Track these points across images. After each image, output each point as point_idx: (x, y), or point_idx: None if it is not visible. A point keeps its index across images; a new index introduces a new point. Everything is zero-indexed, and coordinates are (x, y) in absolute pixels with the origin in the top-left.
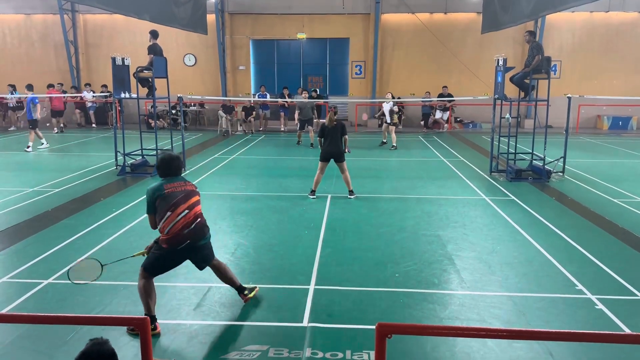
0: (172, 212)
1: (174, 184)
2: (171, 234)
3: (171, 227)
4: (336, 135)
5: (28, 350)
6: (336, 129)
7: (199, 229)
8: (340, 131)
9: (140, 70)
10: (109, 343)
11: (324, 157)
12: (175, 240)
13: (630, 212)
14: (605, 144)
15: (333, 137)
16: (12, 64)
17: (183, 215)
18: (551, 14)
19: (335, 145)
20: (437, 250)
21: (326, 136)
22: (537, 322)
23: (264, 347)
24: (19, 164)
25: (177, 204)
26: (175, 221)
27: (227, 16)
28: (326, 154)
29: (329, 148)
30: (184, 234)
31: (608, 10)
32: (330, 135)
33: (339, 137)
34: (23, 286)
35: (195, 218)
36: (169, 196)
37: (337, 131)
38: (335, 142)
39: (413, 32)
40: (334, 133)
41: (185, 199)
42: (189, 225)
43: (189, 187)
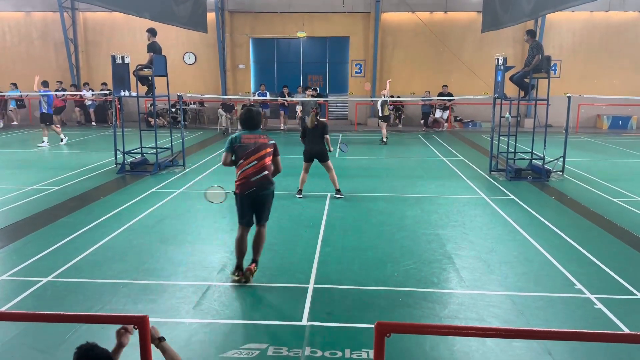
0: (244, 160)
1: (250, 136)
2: (241, 179)
3: (242, 172)
4: (317, 135)
5: (27, 348)
6: (317, 129)
7: (265, 180)
8: (321, 131)
9: (140, 68)
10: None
11: (308, 158)
12: (245, 185)
13: (630, 212)
14: (605, 143)
15: (314, 137)
16: (12, 62)
17: (252, 165)
18: (551, 13)
19: (316, 144)
20: (436, 249)
21: (307, 136)
22: (536, 321)
23: (263, 346)
24: (18, 162)
25: (249, 154)
26: (245, 168)
27: (227, 14)
28: (309, 154)
29: (310, 148)
30: (252, 181)
31: (608, 9)
32: (311, 135)
33: (320, 136)
34: (22, 284)
35: (263, 169)
36: (244, 146)
37: (318, 131)
38: (317, 142)
39: (413, 31)
40: (315, 133)
41: (256, 151)
42: (256, 173)
43: (262, 140)
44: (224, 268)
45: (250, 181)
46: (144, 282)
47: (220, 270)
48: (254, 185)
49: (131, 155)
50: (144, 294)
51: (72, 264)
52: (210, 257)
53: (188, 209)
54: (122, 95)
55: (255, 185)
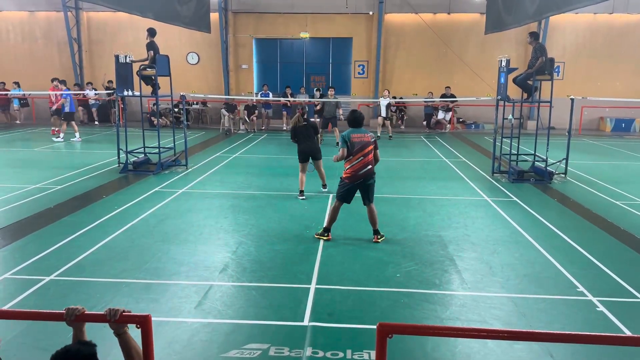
0: (353, 156)
1: (357, 134)
2: (350, 172)
3: (351, 166)
4: (309, 134)
5: (29, 347)
6: (307, 128)
7: (369, 172)
8: (313, 130)
9: (143, 67)
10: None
11: (302, 158)
12: (353, 177)
13: (632, 214)
14: (608, 145)
15: (305, 136)
16: (16, 61)
17: (359, 160)
18: (555, 15)
19: (309, 143)
20: (438, 250)
21: (298, 137)
22: (538, 324)
23: (265, 346)
24: (21, 161)
25: (357, 151)
26: (353, 163)
27: (231, 15)
28: (303, 154)
29: (304, 148)
30: (360, 174)
31: (612, 12)
32: (302, 135)
33: (312, 135)
34: (25, 283)
35: (367, 163)
36: (353, 144)
37: (309, 130)
38: (309, 141)
39: (416, 32)
40: (306, 132)
41: (362, 149)
42: (362, 168)
43: (366, 138)
44: (225, 268)
45: (359, 174)
46: (146, 281)
47: (222, 270)
48: (362, 177)
49: (134, 155)
50: (145, 294)
51: (75, 262)
52: (212, 257)
53: (190, 209)
54: (126, 95)
55: (362, 177)
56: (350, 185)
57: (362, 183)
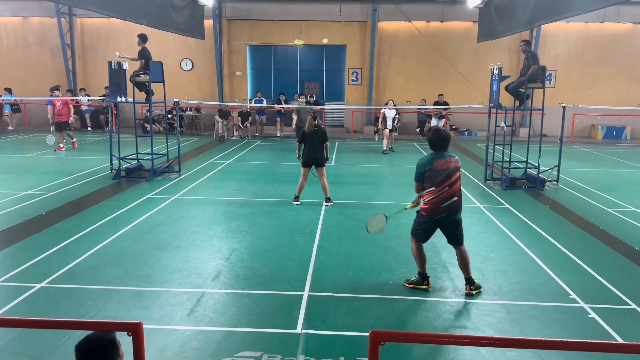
0: (436, 187)
1: (441, 160)
2: (431, 205)
3: (432, 198)
4: (317, 141)
5: (20, 354)
6: (316, 134)
7: (456, 205)
8: (321, 137)
9: (136, 74)
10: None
11: (306, 163)
12: (434, 211)
13: (624, 222)
14: (599, 153)
15: (313, 142)
16: (9, 67)
17: (444, 192)
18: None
19: (315, 150)
20: (431, 257)
21: (306, 142)
22: (531, 331)
23: (258, 354)
24: (13, 167)
25: (441, 181)
26: (436, 195)
27: (225, 22)
28: (307, 159)
29: (310, 154)
30: (442, 207)
31: (603, 20)
32: (310, 141)
33: (320, 142)
34: (16, 290)
35: (452, 195)
36: (436, 172)
37: (318, 136)
38: (316, 148)
39: (409, 40)
40: (314, 138)
41: (448, 177)
42: (447, 199)
43: (453, 164)
44: (218, 275)
45: (441, 207)
46: (138, 288)
47: (215, 277)
48: (444, 211)
49: (127, 161)
50: (138, 301)
51: (66, 269)
52: (204, 264)
53: (183, 216)
54: (119, 101)
55: (445, 211)
56: (427, 221)
57: (445, 219)
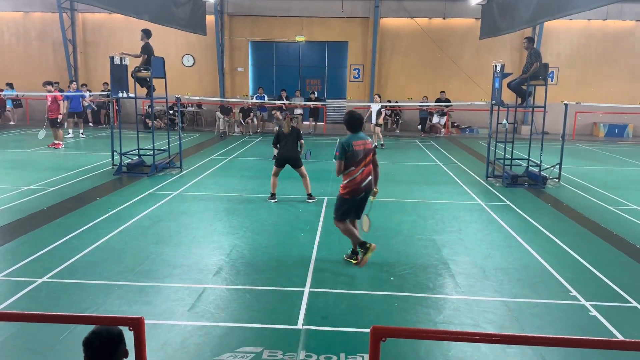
0: (355, 167)
1: (358, 142)
2: (353, 185)
3: (353, 178)
4: (292, 141)
5: (21, 348)
6: (292, 134)
7: (371, 184)
8: (296, 136)
9: (138, 70)
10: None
11: (280, 163)
12: (356, 191)
13: (625, 220)
14: (602, 151)
15: (288, 142)
16: (10, 62)
17: (363, 171)
18: (549, 21)
19: (290, 150)
20: (432, 254)
21: (281, 142)
22: (531, 328)
23: (258, 349)
24: (14, 162)
25: (359, 162)
26: (355, 175)
27: (227, 17)
28: (282, 159)
29: (284, 153)
30: (362, 187)
31: (606, 18)
32: (285, 141)
33: (295, 142)
34: (17, 284)
35: (369, 174)
36: (356, 152)
37: (293, 136)
38: (291, 148)
39: (411, 37)
40: (290, 139)
41: (365, 157)
42: (365, 179)
43: (368, 145)
44: (219, 271)
45: (361, 187)
46: (140, 283)
47: (216, 273)
48: (364, 190)
49: (128, 157)
50: (139, 296)
51: (68, 264)
52: (206, 260)
53: (184, 211)
54: (120, 97)
55: (364, 190)
56: (351, 202)
57: (364, 197)
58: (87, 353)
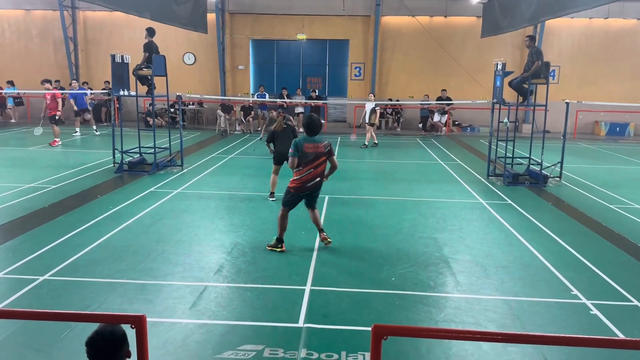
0: (302, 167)
1: (310, 144)
2: (298, 183)
3: (299, 177)
4: (287, 138)
5: (23, 346)
6: (286, 131)
7: (318, 185)
8: (291, 133)
9: (139, 68)
10: (120, 326)
11: (278, 160)
12: (300, 189)
13: (626, 218)
14: (603, 150)
15: (284, 140)
16: (11, 60)
17: (309, 173)
18: (551, 19)
19: (287, 147)
20: (433, 252)
21: (276, 140)
22: (532, 326)
23: (259, 347)
24: (15, 160)
25: (307, 163)
26: (303, 175)
27: (228, 15)
28: (279, 156)
29: (281, 151)
30: (307, 186)
31: (607, 17)
32: (280, 138)
33: (290, 138)
34: (18, 282)
35: (316, 176)
36: (305, 154)
37: (288, 133)
38: (287, 145)
39: (413, 35)
40: (285, 135)
41: (314, 160)
42: (311, 180)
43: (320, 149)
44: (220, 269)
45: (306, 186)
46: (141, 281)
47: (217, 271)
48: (309, 189)
49: (129, 155)
50: (140, 294)
51: (69, 262)
52: (207, 258)
53: (185, 209)
54: (121, 95)
55: (309, 189)
56: (294, 196)
57: (308, 195)
58: (90, 353)
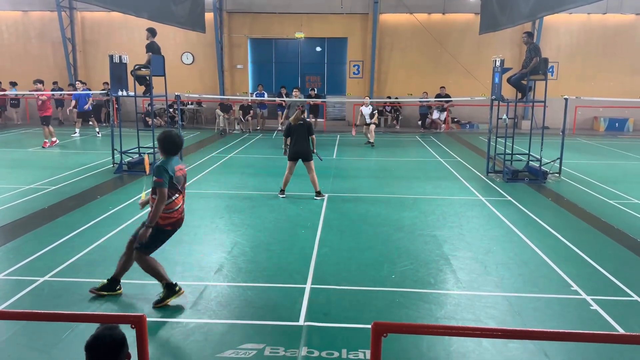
0: (179, 194)
1: (179, 166)
2: (178, 214)
3: (179, 207)
4: (303, 134)
5: (24, 347)
6: (302, 127)
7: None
8: (307, 130)
9: (138, 68)
10: (119, 328)
11: (292, 157)
12: (179, 221)
13: (626, 214)
14: (602, 145)
15: (299, 136)
16: (10, 61)
17: (183, 200)
18: (549, 15)
19: (301, 144)
20: (433, 250)
21: (292, 135)
22: (533, 322)
23: (260, 346)
24: (15, 161)
25: (183, 188)
26: (179, 205)
27: (226, 15)
28: (294, 153)
29: (295, 147)
30: (183, 216)
31: (605, 12)
32: (296, 134)
33: (306, 136)
34: (19, 283)
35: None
36: (179, 177)
37: (304, 130)
38: (302, 141)
39: (411, 33)
40: (301, 132)
41: (184, 183)
42: (183, 209)
43: (184, 171)
44: (221, 268)
45: (182, 216)
46: (141, 281)
47: (217, 271)
48: (182, 219)
49: (128, 155)
50: (140, 294)
51: (69, 263)
52: (207, 258)
53: (185, 209)
54: (120, 95)
55: (183, 219)
56: (170, 234)
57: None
58: (88, 357)
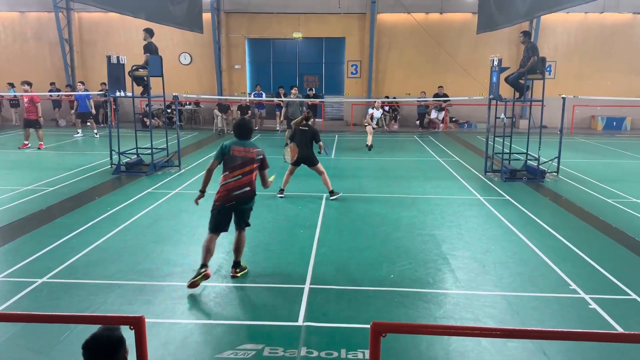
0: (229, 172)
1: (240, 148)
2: (222, 191)
3: (224, 184)
4: (305, 140)
5: (23, 348)
6: (306, 133)
7: (247, 195)
8: (311, 137)
9: (135, 68)
10: (119, 330)
11: (295, 162)
12: (225, 198)
13: (624, 212)
14: (599, 144)
15: (302, 141)
16: (7, 62)
17: (236, 179)
18: (546, 14)
19: (304, 149)
20: (432, 249)
21: (296, 140)
22: (531, 321)
23: (259, 346)
24: (12, 162)
25: (234, 168)
26: (228, 181)
27: (223, 15)
28: (297, 158)
29: (298, 152)
30: (233, 195)
31: (602, 11)
32: (299, 139)
33: (308, 142)
34: (17, 285)
35: (244, 185)
36: (233, 158)
37: (307, 136)
38: (305, 146)
39: (409, 32)
40: (303, 138)
41: (242, 166)
42: (238, 188)
43: (251, 155)
44: (219, 269)
45: (232, 195)
46: (140, 282)
47: (216, 271)
48: (235, 199)
49: (126, 156)
50: (139, 295)
51: (68, 264)
52: None
53: (184, 210)
54: (118, 96)
55: (235, 199)
56: (220, 209)
57: (235, 207)
58: (85, 357)
